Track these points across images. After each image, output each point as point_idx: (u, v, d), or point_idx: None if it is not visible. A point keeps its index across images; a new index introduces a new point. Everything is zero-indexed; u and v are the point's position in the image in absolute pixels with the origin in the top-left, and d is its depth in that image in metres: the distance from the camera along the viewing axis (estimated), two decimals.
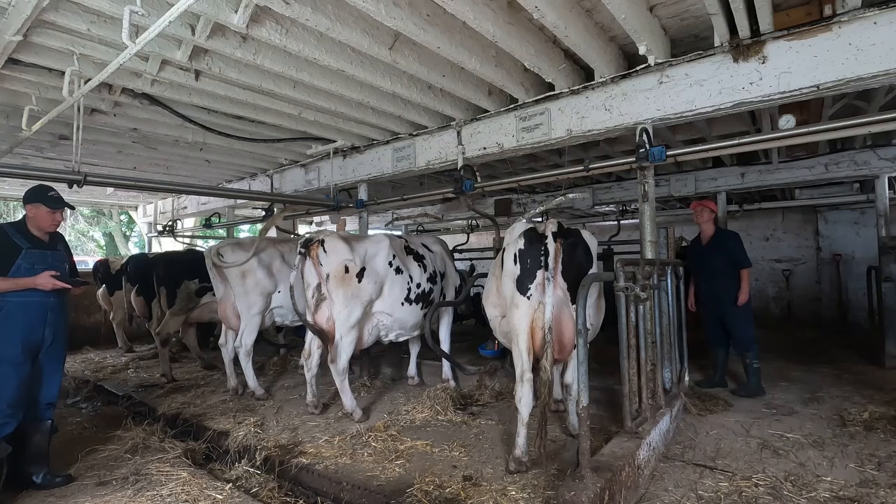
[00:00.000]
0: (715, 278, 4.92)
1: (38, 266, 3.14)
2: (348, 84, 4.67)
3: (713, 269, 4.91)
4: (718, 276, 4.90)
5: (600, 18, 3.88)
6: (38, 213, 3.24)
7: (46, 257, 3.23)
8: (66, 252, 3.44)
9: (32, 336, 3.10)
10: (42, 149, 6.68)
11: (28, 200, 3.26)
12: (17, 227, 3.25)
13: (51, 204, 3.25)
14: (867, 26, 3.22)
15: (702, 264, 5.01)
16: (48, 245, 3.32)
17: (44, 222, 3.26)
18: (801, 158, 7.03)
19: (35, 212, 3.24)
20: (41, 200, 3.24)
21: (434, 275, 4.90)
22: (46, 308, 3.17)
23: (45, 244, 3.29)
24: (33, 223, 3.26)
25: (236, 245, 5.22)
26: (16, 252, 3.13)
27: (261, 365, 6.19)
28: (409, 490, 2.86)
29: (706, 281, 4.98)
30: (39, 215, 3.24)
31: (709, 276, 4.95)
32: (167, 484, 3.01)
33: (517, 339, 3.21)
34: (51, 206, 3.25)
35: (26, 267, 3.12)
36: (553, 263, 3.11)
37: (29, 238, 3.22)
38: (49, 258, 3.24)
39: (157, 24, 2.65)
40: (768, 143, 4.06)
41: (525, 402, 3.15)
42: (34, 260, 3.16)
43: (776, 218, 11.97)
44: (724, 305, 4.86)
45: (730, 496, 2.83)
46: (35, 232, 3.26)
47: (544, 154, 7.09)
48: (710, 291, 4.96)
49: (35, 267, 3.14)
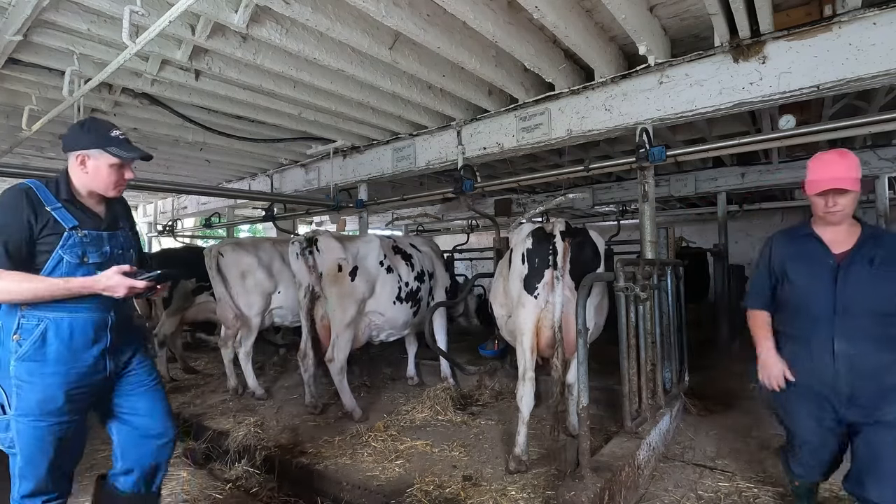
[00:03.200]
0: (864, 330, 2.14)
1: (91, 258, 1.94)
2: (348, 84, 4.67)
3: (864, 307, 2.15)
4: (876, 324, 2.14)
5: (600, 18, 3.88)
6: (96, 168, 1.97)
7: (103, 243, 2.00)
8: (131, 230, 2.22)
9: (82, 372, 1.94)
10: (42, 149, 6.67)
11: (76, 146, 1.96)
12: (54, 189, 1.95)
13: (122, 151, 1.98)
14: (867, 26, 3.22)
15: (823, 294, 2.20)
16: (106, 221, 2.06)
17: (103, 182, 2.00)
18: (801, 158, 7.03)
19: (92, 165, 1.97)
20: (102, 145, 1.95)
21: (422, 273, 4.93)
22: (105, 327, 2.00)
23: (100, 220, 2.04)
24: (84, 183, 1.99)
25: (237, 245, 5.23)
26: (55, 234, 1.88)
27: (261, 365, 6.18)
28: (409, 490, 2.86)
29: (840, 331, 2.15)
30: (98, 171, 1.98)
31: (851, 324, 2.14)
32: (167, 484, 3.00)
33: (521, 337, 3.22)
34: (121, 154, 1.98)
35: (72, 262, 1.90)
36: (562, 262, 3.12)
37: (75, 209, 1.96)
38: (108, 244, 2.02)
39: (157, 23, 2.65)
40: (768, 143, 4.06)
41: (526, 402, 3.15)
42: (85, 249, 1.93)
43: (776, 218, 11.98)
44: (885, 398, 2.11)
45: (730, 496, 2.83)
46: (85, 199, 2.02)
47: (544, 154, 7.08)
48: (848, 357, 2.13)
49: (87, 260, 1.93)
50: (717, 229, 7.76)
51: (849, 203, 2.14)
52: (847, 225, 2.22)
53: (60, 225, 1.90)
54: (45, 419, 1.86)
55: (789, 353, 2.29)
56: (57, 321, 1.89)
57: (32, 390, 1.85)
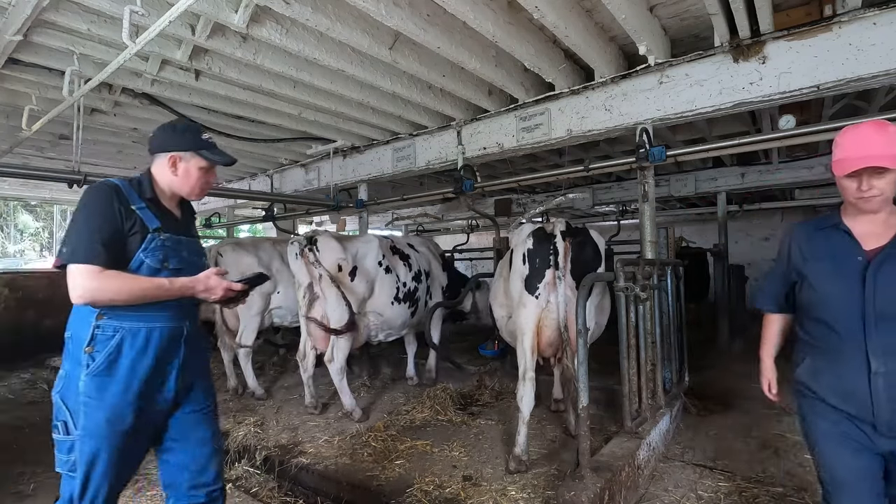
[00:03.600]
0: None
1: (171, 263, 1.83)
2: (348, 84, 4.67)
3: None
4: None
5: (600, 18, 3.88)
6: (186, 171, 1.92)
7: (182, 248, 1.90)
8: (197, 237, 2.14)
9: (153, 390, 1.80)
10: (42, 149, 6.68)
11: (168, 146, 1.90)
12: (137, 188, 1.85)
13: (214, 155, 1.96)
14: (867, 26, 3.22)
15: (850, 299, 1.74)
16: (183, 225, 1.99)
17: (190, 185, 1.95)
18: (801, 158, 7.04)
19: (183, 167, 1.91)
20: (195, 147, 1.92)
21: (419, 273, 4.94)
22: (180, 338, 1.87)
23: (179, 223, 1.96)
24: (171, 184, 1.93)
25: (237, 245, 5.23)
26: (139, 235, 1.78)
27: (261, 365, 6.18)
28: (408, 490, 2.86)
29: (875, 345, 1.69)
30: (188, 173, 1.92)
31: (888, 336, 1.68)
32: None
33: (522, 337, 3.22)
34: (214, 158, 1.96)
35: (152, 265, 1.79)
36: (563, 262, 3.12)
37: (158, 210, 1.87)
38: (185, 249, 1.92)
39: (157, 23, 2.65)
40: (768, 143, 4.06)
41: (527, 401, 3.15)
42: (167, 253, 1.82)
43: (776, 218, 11.98)
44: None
45: (730, 496, 2.83)
46: (167, 201, 1.94)
47: (544, 154, 7.08)
48: (888, 376, 1.67)
49: (168, 265, 1.82)
50: (717, 229, 7.77)
51: (889, 186, 1.66)
52: (886, 213, 1.74)
53: (145, 226, 1.79)
54: (112, 440, 1.71)
55: (812, 370, 1.83)
56: (133, 331, 1.74)
57: (101, 408, 1.69)
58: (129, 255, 1.76)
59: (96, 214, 1.73)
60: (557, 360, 3.66)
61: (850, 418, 1.74)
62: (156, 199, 1.89)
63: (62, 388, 1.74)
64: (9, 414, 4.64)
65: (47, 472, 3.25)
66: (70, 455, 1.71)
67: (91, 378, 1.70)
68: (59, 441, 1.73)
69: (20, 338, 7.60)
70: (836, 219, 1.83)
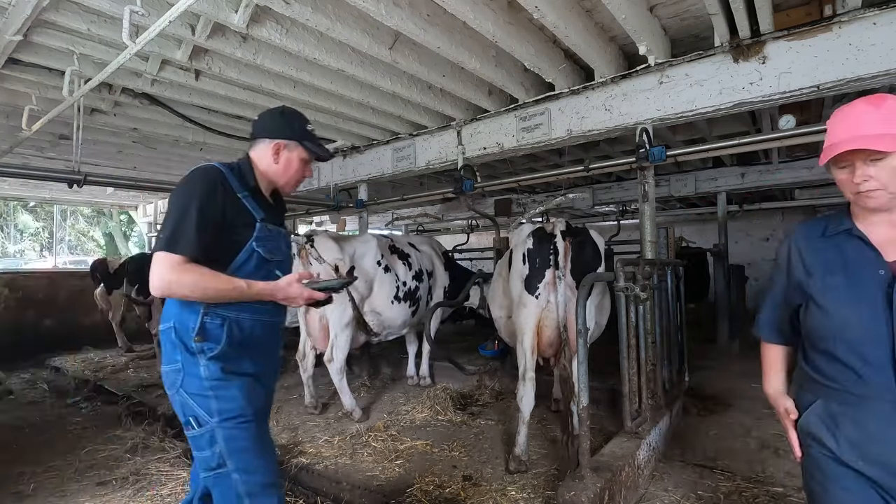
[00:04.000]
0: None
1: (276, 255, 1.78)
2: (348, 84, 4.67)
3: None
4: None
5: (600, 18, 3.88)
6: (288, 161, 1.85)
7: (280, 240, 1.84)
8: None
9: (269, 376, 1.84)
10: (42, 149, 6.67)
11: (274, 133, 1.85)
12: (239, 175, 1.77)
13: (316, 148, 1.90)
14: (867, 26, 3.22)
15: (873, 327, 1.32)
16: (278, 216, 1.92)
17: (289, 176, 1.88)
18: (801, 158, 7.04)
19: (285, 157, 1.84)
20: (300, 138, 1.86)
21: (420, 273, 4.94)
22: (278, 333, 1.87)
23: (276, 215, 1.89)
24: (271, 173, 1.85)
25: None
26: (247, 225, 1.72)
27: None
28: (409, 490, 2.86)
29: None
30: (290, 164, 1.86)
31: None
32: (167, 483, 3.01)
33: (522, 337, 3.22)
34: (317, 151, 1.91)
35: (264, 256, 1.73)
36: (563, 262, 3.12)
37: (260, 199, 1.81)
38: (284, 242, 1.87)
39: (157, 23, 2.65)
40: (768, 143, 4.06)
41: (527, 401, 3.15)
42: (269, 247, 1.76)
43: (776, 218, 11.97)
44: None
45: (730, 496, 2.83)
46: (264, 189, 1.86)
47: (544, 154, 7.08)
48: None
49: (273, 258, 1.77)
50: (717, 229, 7.77)
51: (891, 175, 1.28)
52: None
53: (251, 215, 1.71)
54: (254, 418, 1.64)
55: (823, 417, 1.39)
56: (239, 321, 1.69)
57: (232, 385, 1.63)
58: (238, 245, 1.68)
59: (197, 201, 1.61)
60: (557, 361, 3.67)
61: (874, 486, 1.30)
62: (258, 189, 1.81)
63: (182, 382, 1.63)
64: (9, 414, 4.64)
65: (47, 472, 3.26)
66: (213, 448, 1.61)
67: (213, 362, 1.63)
68: (196, 437, 1.62)
69: (20, 338, 7.61)
70: (847, 222, 1.41)
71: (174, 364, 1.65)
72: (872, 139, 1.26)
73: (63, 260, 20.87)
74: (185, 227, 1.57)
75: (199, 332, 1.62)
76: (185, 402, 1.63)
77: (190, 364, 1.63)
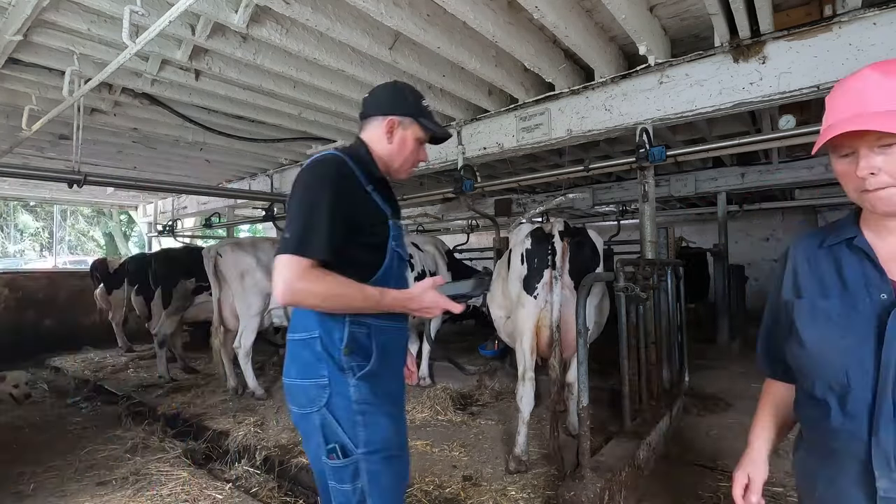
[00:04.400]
0: None
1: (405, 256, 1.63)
2: (348, 84, 4.67)
3: None
4: None
5: (600, 18, 3.88)
6: (402, 140, 1.60)
7: (403, 237, 1.67)
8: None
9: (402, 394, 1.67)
10: (42, 149, 6.68)
11: (386, 108, 1.59)
12: (361, 164, 1.52)
13: (434, 126, 1.64)
14: (867, 26, 3.22)
15: (857, 364, 0.98)
16: (398, 208, 1.71)
17: (403, 159, 1.63)
18: (801, 158, 7.03)
19: (399, 136, 1.60)
20: (416, 114, 1.60)
21: (423, 274, 4.95)
22: (406, 338, 1.74)
23: (397, 209, 1.68)
24: (386, 156, 1.61)
25: (236, 245, 5.23)
26: (380, 224, 1.53)
27: (261, 365, 6.18)
28: (408, 490, 2.86)
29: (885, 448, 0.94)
30: (404, 144, 1.61)
31: None
32: (167, 483, 3.01)
33: (521, 338, 3.22)
34: (435, 129, 1.65)
35: (403, 257, 1.61)
36: (560, 262, 3.12)
37: (386, 192, 1.61)
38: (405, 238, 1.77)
39: (157, 23, 2.65)
40: (768, 143, 4.06)
41: (526, 402, 3.15)
42: (398, 243, 1.59)
43: (776, 218, 11.98)
44: None
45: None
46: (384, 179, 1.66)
47: (544, 154, 7.08)
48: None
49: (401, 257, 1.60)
50: (717, 229, 7.77)
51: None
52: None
53: (382, 212, 1.50)
54: (401, 452, 1.48)
55: (804, 469, 1.21)
56: (379, 329, 1.48)
57: (382, 412, 1.44)
58: (373, 249, 1.49)
59: (328, 196, 1.38)
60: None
61: None
62: (383, 180, 1.58)
63: (328, 401, 1.41)
64: (9, 414, 4.64)
65: (47, 472, 3.26)
66: (356, 483, 1.41)
67: (362, 382, 1.42)
68: (338, 469, 1.41)
69: (20, 338, 7.61)
70: (851, 229, 1.07)
71: (320, 379, 1.43)
72: (881, 117, 0.89)
73: (63, 260, 20.86)
74: (316, 227, 1.35)
75: (349, 344, 1.42)
76: (328, 426, 1.42)
77: (339, 382, 1.42)
